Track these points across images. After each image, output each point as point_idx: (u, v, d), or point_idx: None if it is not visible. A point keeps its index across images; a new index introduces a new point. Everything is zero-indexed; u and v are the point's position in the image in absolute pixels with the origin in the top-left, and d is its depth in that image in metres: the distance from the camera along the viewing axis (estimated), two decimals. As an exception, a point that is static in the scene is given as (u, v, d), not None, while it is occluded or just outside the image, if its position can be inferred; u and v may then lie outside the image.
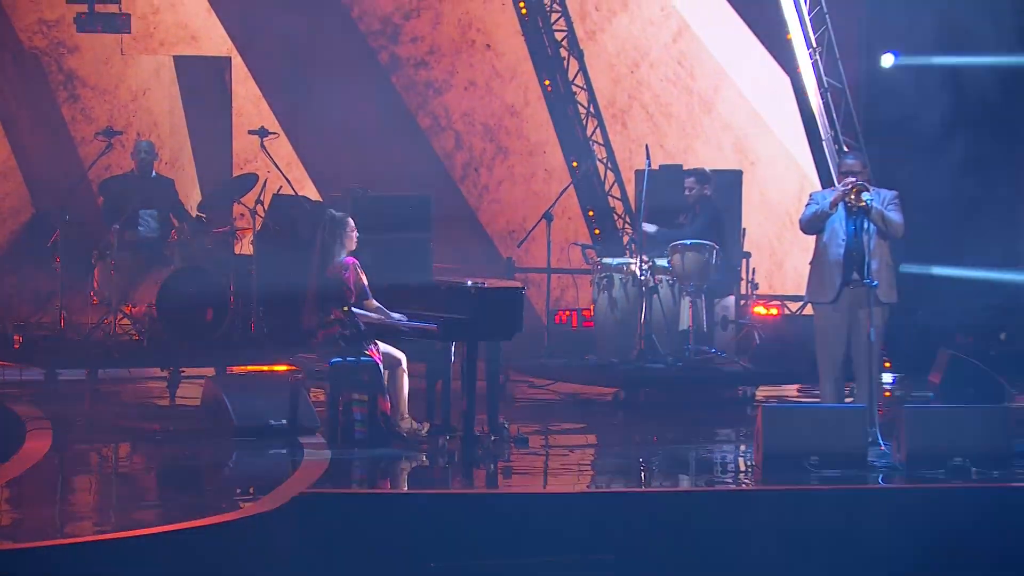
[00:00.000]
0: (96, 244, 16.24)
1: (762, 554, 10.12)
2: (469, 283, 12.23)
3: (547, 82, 18.03)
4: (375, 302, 12.18)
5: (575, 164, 18.00)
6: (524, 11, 17.81)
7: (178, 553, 9.24)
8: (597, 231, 17.98)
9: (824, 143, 16.86)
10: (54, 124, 19.09)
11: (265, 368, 14.89)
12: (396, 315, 12.20)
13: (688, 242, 15.11)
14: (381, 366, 12.09)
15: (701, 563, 10.11)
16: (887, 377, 13.79)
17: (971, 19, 15.96)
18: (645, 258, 15.10)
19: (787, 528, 10.24)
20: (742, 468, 12.02)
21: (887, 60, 16.40)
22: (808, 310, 14.11)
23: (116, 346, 15.65)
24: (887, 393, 13.51)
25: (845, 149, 16.25)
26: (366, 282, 12.17)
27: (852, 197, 12.07)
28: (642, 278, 15.24)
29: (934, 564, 10.19)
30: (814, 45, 16.78)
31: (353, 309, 12.04)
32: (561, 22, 17.93)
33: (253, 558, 9.56)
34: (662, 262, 15.29)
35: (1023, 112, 16.81)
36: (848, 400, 12.50)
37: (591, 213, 18.14)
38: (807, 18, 16.74)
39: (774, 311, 16.65)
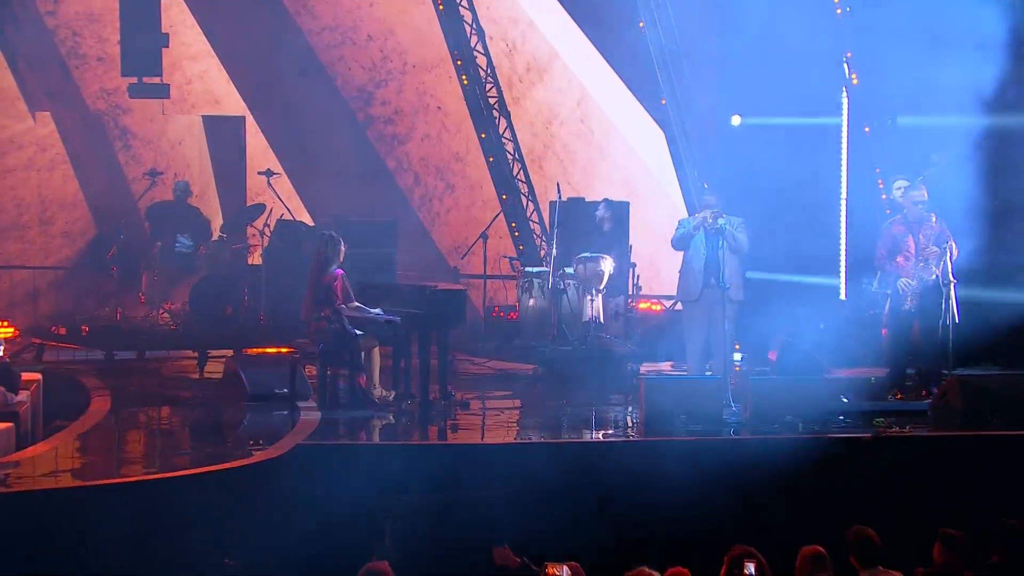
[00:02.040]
0: (144, 257, 16.17)
1: (645, 488, 10.15)
2: (424, 286, 12.27)
3: (483, 135, 18.04)
4: (356, 303, 12.16)
5: (504, 196, 18.00)
6: (465, 82, 17.81)
7: (207, 489, 9.22)
8: (521, 247, 17.99)
9: (689, 182, 16.92)
10: (112, 167, 18.96)
11: (271, 350, 14.82)
12: (373, 310, 12.19)
13: (589, 254, 15.13)
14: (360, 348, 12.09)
15: (600, 496, 10.15)
16: (737, 356, 13.81)
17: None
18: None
19: (663, 468, 10.27)
20: (629, 424, 12.05)
21: (735, 120, 16.20)
22: (678, 306, 14.14)
23: (159, 333, 15.59)
24: (736, 368, 13.54)
25: (705, 186, 16.29)
26: (350, 288, 12.15)
27: (710, 222, 12.14)
28: (555, 282, 15.27)
29: (772, 492, 10.28)
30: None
31: (339, 308, 12.02)
32: (493, 90, 17.92)
33: (263, 492, 9.55)
34: (569, 270, 15.32)
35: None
36: (708, 373, 12.53)
37: (517, 234, 18.15)
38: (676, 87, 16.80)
39: (656, 307, 16.69)
